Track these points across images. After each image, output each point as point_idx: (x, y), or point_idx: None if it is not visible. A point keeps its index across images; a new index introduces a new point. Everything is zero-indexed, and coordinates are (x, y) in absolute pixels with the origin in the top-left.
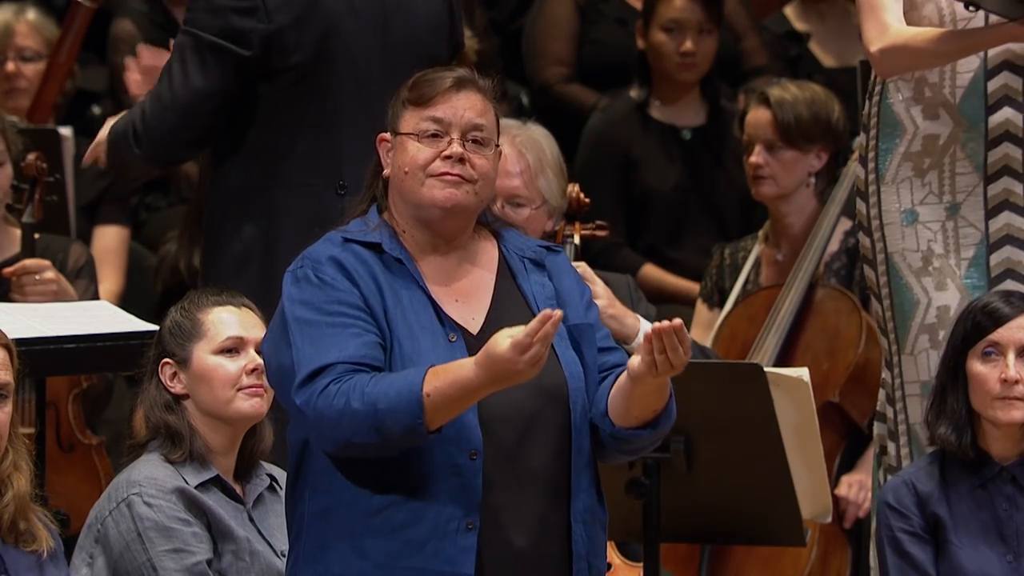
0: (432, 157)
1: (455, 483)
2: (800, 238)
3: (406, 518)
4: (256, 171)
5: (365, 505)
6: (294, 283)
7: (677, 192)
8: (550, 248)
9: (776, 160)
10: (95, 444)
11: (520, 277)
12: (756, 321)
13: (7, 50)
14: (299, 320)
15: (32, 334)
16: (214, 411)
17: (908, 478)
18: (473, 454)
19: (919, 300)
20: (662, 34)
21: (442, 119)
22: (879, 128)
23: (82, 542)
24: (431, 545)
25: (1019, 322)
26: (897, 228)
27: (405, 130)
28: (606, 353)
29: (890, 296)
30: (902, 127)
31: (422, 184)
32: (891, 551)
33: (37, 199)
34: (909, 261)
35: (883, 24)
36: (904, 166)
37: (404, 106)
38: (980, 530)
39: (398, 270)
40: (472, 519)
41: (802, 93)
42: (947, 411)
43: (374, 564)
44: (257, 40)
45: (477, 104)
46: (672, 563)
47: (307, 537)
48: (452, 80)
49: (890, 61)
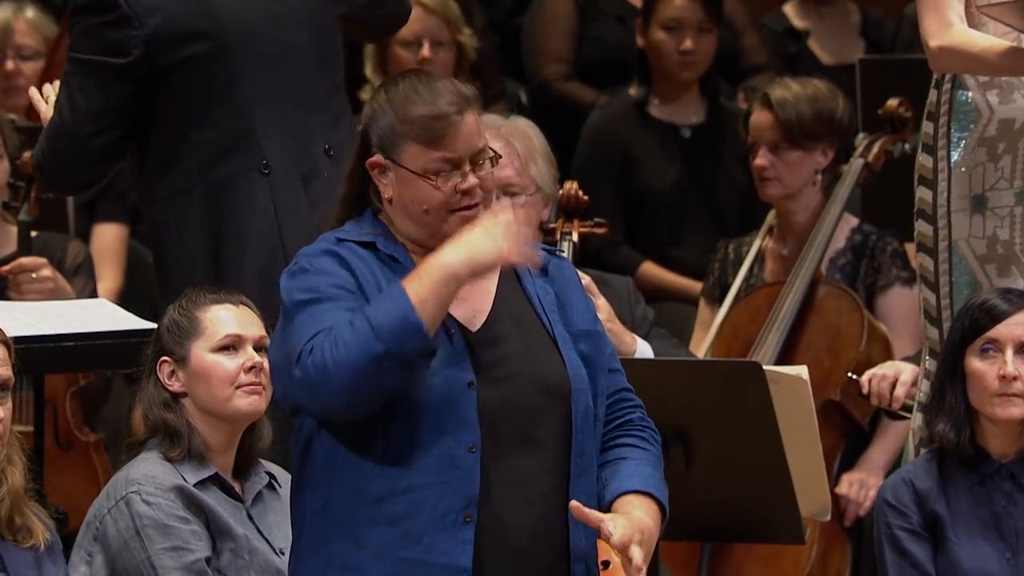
0: (450, 192)
1: (453, 475)
2: (804, 233)
3: (404, 509)
4: (176, 176)
5: (364, 496)
6: (290, 278)
7: (676, 190)
8: (555, 254)
9: (781, 161)
10: (93, 442)
11: (525, 280)
12: (758, 318)
13: (6, 48)
14: (296, 303)
15: (31, 332)
16: (212, 409)
17: (907, 476)
18: (471, 447)
19: (981, 287)
20: (662, 32)
21: (453, 158)
22: (951, 115)
23: (81, 540)
24: (428, 537)
25: (1017, 319)
26: (965, 215)
27: (413, 168)
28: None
29: (950, 284)
30: (977, 112)
31: (445, 221)
32: (890, 549)
33: (33, 197)
34: (974, 247)
35: (946, 21)
36: (979, 151)
37: (405, 139)
38: (979, 527)
39: (394, 266)
40: (470, 512)
41: (804, 91)
42: (946, 408)
43: (373, 555)
44: (135, 46)
45: (471, 123)
46: (672, 561)
47: (309, 530)
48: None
49: (947, 60)
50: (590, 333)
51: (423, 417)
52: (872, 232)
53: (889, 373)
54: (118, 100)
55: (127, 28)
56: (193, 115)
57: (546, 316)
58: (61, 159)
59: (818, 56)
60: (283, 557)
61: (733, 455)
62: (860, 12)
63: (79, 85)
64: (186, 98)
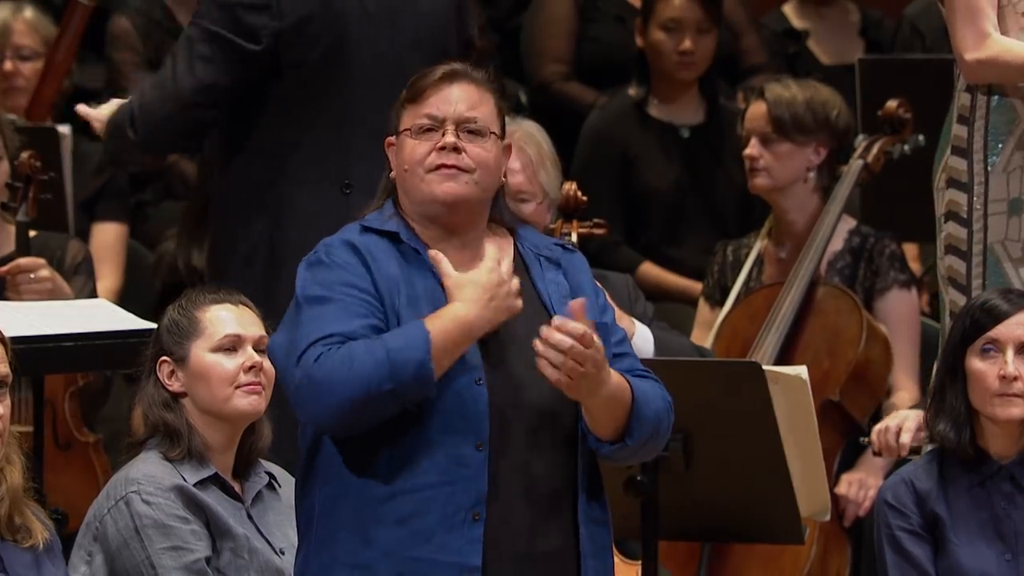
0: (428, 151)
1: (461, 474)
2: (803, 235)
3: (413, 508)
4: (263, 166)
5: (373, 494)
6: (307, 268)
7: (675, 190)
8: (566, 247)
9: (770, 152)
10: (92, 442)
11: (535, 274)
12: (757, 319)
13: (5, 49)
14: (308, 298)
15: (30, 332)
16: (212, 409)
17: (907, 476)
18: (479, 445)
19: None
20: (661, 33)
21: (435, 114)
22: (988, 119)
23: (80, 540)
24: (438, 537)
25: (1018, 319)
26: (1003, 218)
27: (403, 128)
28: (619, 360)
29: (983, 288)
30: (1016, 115)
31: (422, 180)
32: (890, 549)
33: (31, 197)
34: (1009, 251)
35: (982, 32)
36: (1017, 155)
37: (403, 106)
38: (978, 528)
39: (414, 259)
40: (478, 510)
41: (802, 89)
42: (946, 409)
43: (382, 553)
44: (267, 36)
45: (471, 95)
46: (671, 561)
47: (316, 528)
48: (442, 73)
49: (984, 72)
50: (597, 326)
51: (431, 416)
52: (870, 234)
53: (892, 425)
54: (234, 81)
55: (265, 15)
56: (297, 116)
57: (555, 312)
58: (164, 123)
59: (817, 56)
60: (283, 557)
61: (732, 455)
62: (860, 12)
63: (202, 55)
64: (295, 99)
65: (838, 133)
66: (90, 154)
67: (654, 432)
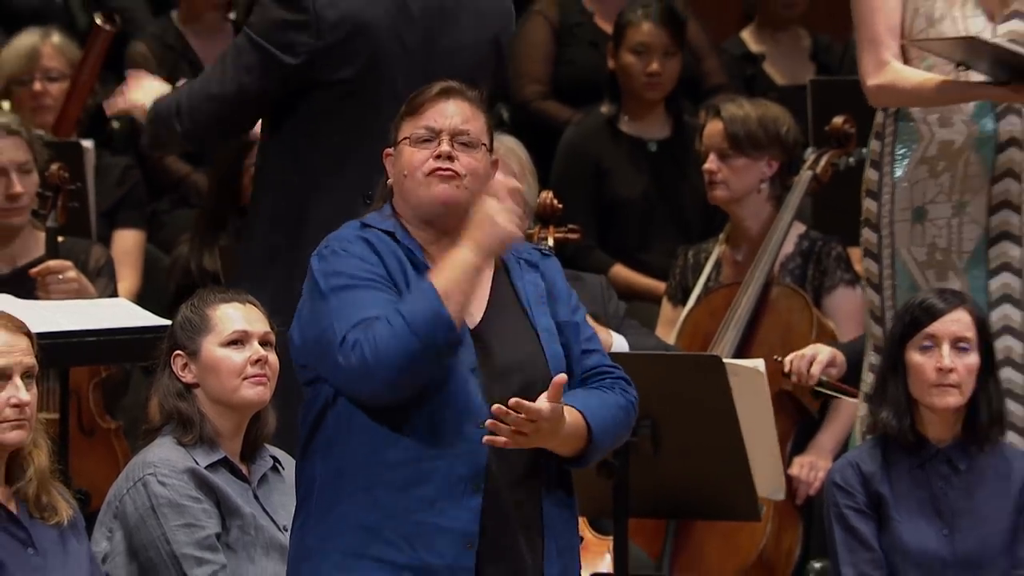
0: (425, 158)
1: (463, 448)
2: (757, 240)
3: (417, 476)
4: (295, 172)
5: (379, 460)
6: (321, 260)
7: (644, 199)
8: (543, 252)
9: (728, 167)
10: (114, 428)
11: (515, 275)
12: (717, 316)
13: (34, 71)
14: (334, 288)
15: (57, 328)
16: (222, 398)
17: (853, 459)
18: (481, 424)
19: (921, 290)
20: (631, 56)
21: (432, 125)
22: (895, 136)
23: (102, 518)
24: (439, 504)
25: (953, 316)
26: (907, 225)
27: (402, 137)
28: (588, 356)
29: (893, 287)
30: (919, 133)
31: (419, 184)
32: (838, 526)
33: (60, 205)
34: (915, 254)
35: (881, 61)
36: (920, 168)
37: (402, 119)
38: (918, 507)
39: (411, 258)
40: (478, 482)
41: (754, 108)
42: (888, 398)
43: (386, 515)
44: (304, 53)
45: (465, 110)
46: (640, 537)
47: (318, 496)
48: (439, 89)
49: (883, 97)
50: (568, 323)
51: (434, 394)
52: (818, 238)
53: (807, 354)
54: (271, 90)
55: (304, 33)
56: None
57: (531, 310)
58: (205, 119)
59: (772, 78)
60: (286, 534)
61: (696, 440)
62: (811, 37)
63: (247, 65)
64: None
65: (788, 147)
66: (111, 166)
67: (613, 443)
